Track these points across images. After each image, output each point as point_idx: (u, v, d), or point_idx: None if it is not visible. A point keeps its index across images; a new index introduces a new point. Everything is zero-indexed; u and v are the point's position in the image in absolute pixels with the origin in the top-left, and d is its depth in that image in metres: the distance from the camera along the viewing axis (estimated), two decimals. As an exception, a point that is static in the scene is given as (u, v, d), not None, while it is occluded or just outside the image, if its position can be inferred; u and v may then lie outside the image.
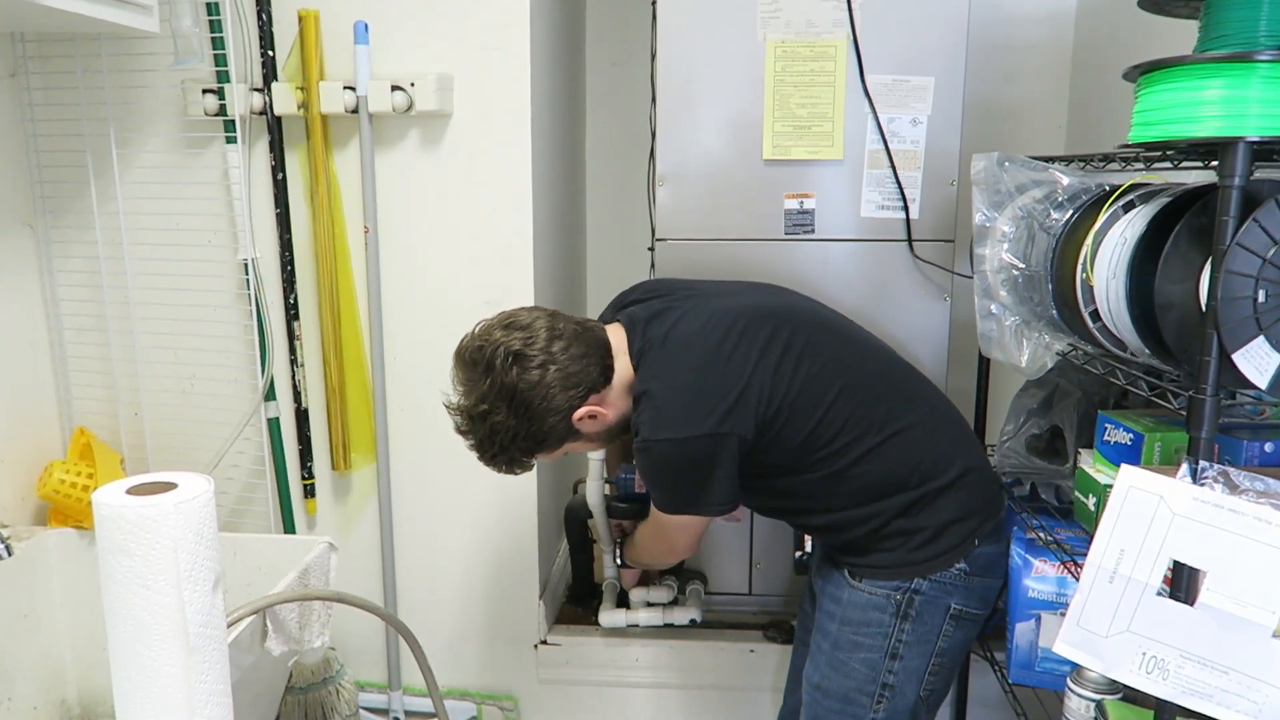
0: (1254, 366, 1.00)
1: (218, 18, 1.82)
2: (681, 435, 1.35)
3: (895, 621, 1.45)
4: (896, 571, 1.45)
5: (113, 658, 0.92)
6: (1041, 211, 1.40)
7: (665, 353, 1.41)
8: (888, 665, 1.46)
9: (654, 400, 1.37)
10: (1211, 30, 1.07)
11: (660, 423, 1.36)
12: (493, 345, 1.37)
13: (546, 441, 1.41)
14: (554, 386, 1.36)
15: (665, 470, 1.40)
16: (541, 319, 1.40)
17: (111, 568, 0.89)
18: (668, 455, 1.37)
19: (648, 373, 1.41)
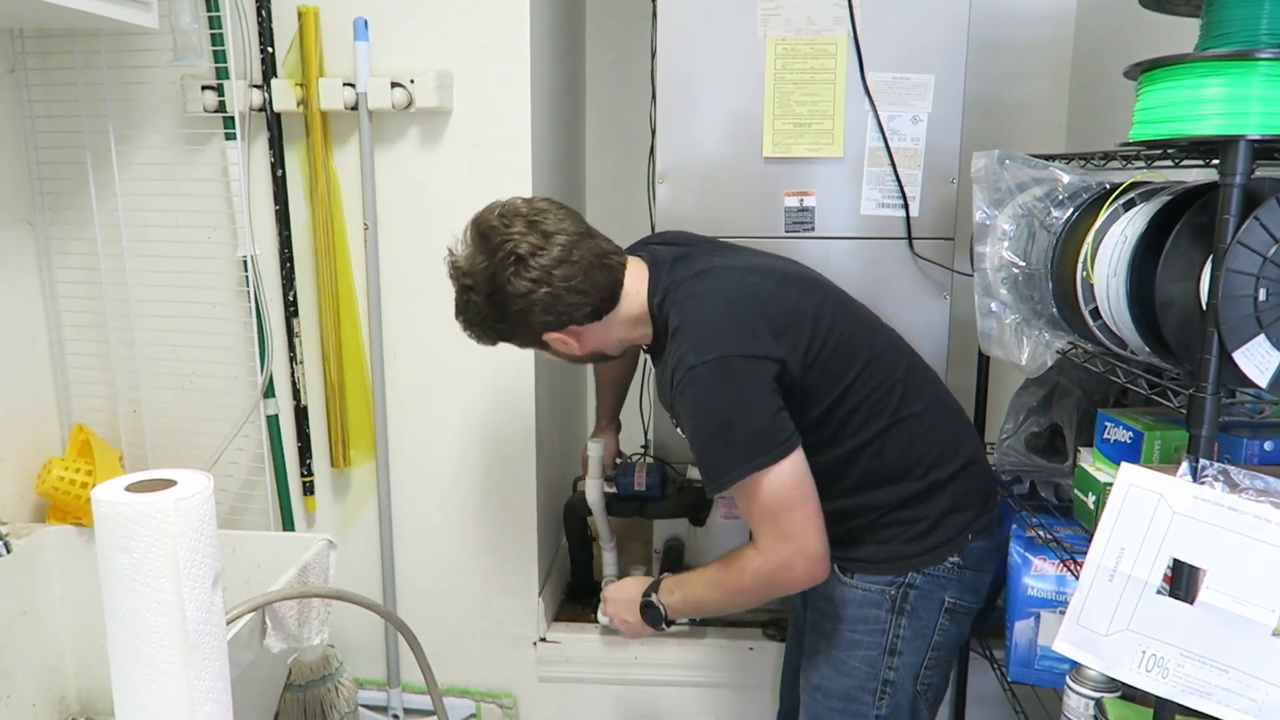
0: (1254, 365, 1.00)
1: (217, 14, 1.82)
2: (731, 353, 1.28)
3: (892, 617, 1.44)
4: (890, 566, 1.43)
5: (112, 655, 0.92)
6: (1042, 209, 1.40)
7: (700, 287, 1.37)
8: (888, 662, 1.45)
9: (694, 328, 1.32)
10: (1213, 28, 1.07)
11: (705, 345, 1.29)
12: (505, 235, 1.32)
13: (511, 339, 1.41)
14: (537, 305, 1.33)
15: (721, 399, 1.28)
16: (565, 236, 1.34)
17: (111, 565, 0.88)
18: (718, 378, 1.28)
19: (682, 306, 1.35)
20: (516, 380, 1.98)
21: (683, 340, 1.32)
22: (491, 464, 2.03)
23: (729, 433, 1.28)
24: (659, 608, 1.44)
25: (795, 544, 1.29)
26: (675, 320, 1.35)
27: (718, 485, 1.30)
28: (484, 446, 2.01)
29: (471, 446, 2.01)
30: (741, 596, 1.37)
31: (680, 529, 2.13)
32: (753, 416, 1.28)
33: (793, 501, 1.29)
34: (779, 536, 1.29)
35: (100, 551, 0.89)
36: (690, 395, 1.30)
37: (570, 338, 1.39)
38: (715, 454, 1.30)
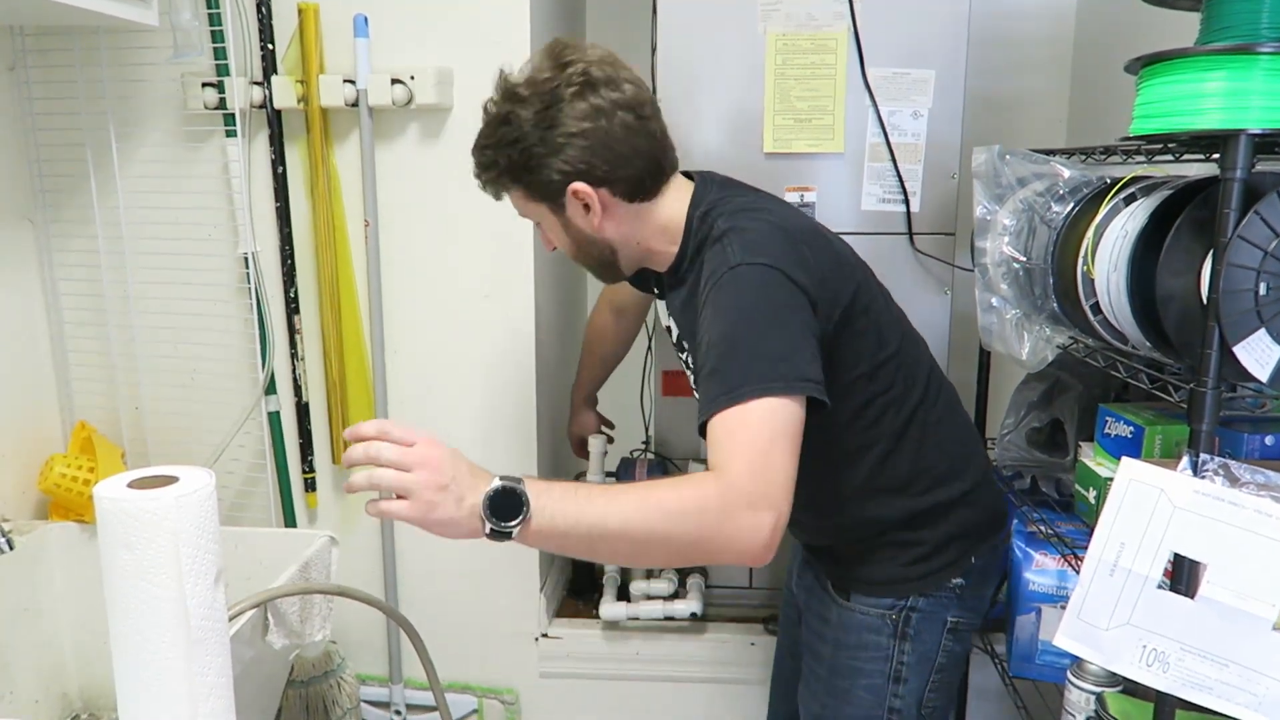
0: (1255, 359, 1.00)
1: (217, 11, 1.82)
2: (780, 265, 1.13)
3: (895, 643, 1.35)
4: (889, 588, 1.35)
5: (115, 651, 0.92)
6: (1043, 204, 1.40)
7: (757, 206, 1.25)
8: (893, 689, 1.36)
9: (745, 234, 1.18)
10: (1213, 22, 1.07)
11: (757, 248, 1.15)
12: (581, 56, 1.19)
13: (533, 175, 1.22)
14: (584, 141, 1.18)
15: (761, 305, 1.12)
16: (639, 89, 1.22)
17: (113, 561, 0.88)
18: (765, 284, 1.13)
19: (734, 216, 1.22)
20: (518, 376, 1.98)
21: (730, 243, 1.17)
22: (493, 460, 2.01)
23: (759, 344, 1.10)
24: (524, 513, 1.00)
25: (774, 490, 1.04)
26: (723, 226, 1.21)
27: (728, 398, 1.06)
28: (485, 442, 2.01)
29: (472, 442, 2.01)
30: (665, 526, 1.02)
31: (681, 525, 2.13)
32: (787, 337, 1.11)
33: (789, 448, 1.06)
34: (760, 472, 1.03)
35: (102, 548, 0.89)
36: (730, 292, 1.13)
37: (597, 202, 1.22)
38: (735, 363, 1.09)
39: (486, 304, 1.94)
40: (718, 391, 1.08)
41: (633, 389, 2.19)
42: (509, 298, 1.94)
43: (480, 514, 1.00)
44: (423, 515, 0.99)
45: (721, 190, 1.29)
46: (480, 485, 1.01)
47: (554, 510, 1.02)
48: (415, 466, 1.00)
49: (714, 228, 1.22)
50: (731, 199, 1.27)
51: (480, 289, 1.94)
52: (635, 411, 2.23)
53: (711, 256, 1.20)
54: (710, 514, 1.02)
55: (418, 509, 0.99)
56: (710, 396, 1.09)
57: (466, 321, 1.96)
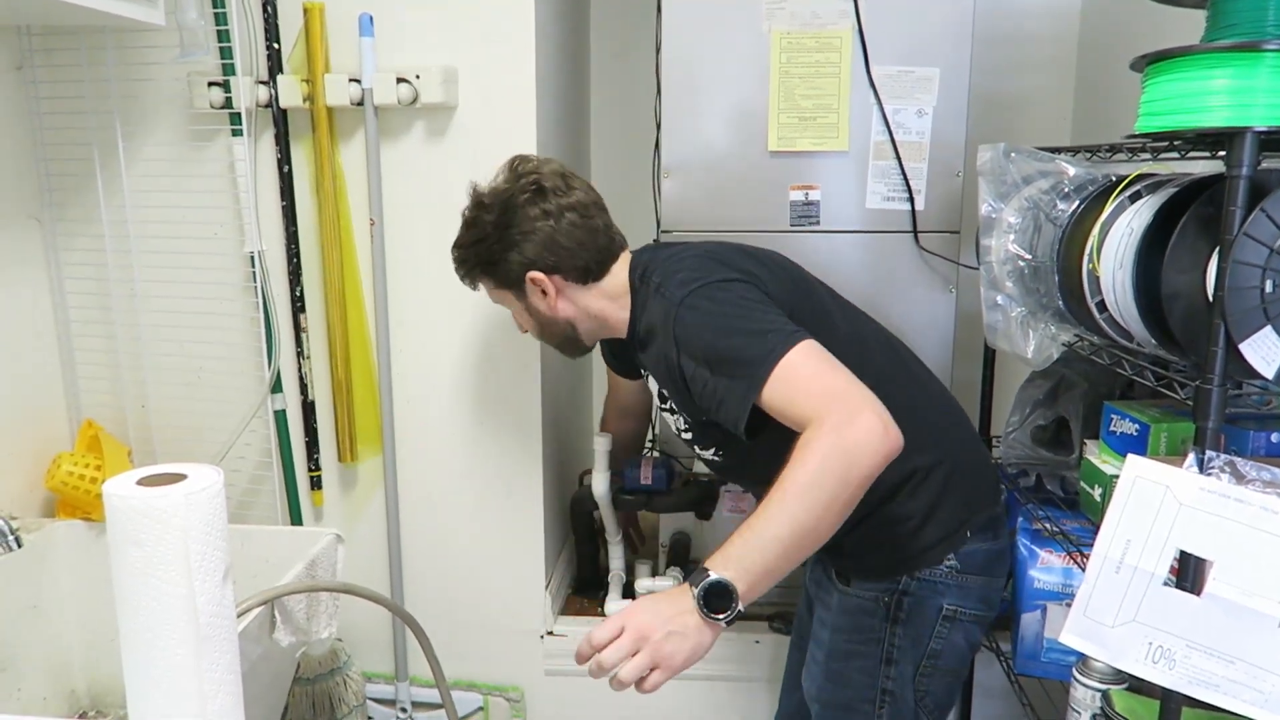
0: (1261, 356, 1.00)
1: (223, 10, 1.82)
2: (711, 280, 1.32)
3: (886, 625, 1.40)
4: (883, 570, 1.41)
5: (124, 648, 0.92)
6: (1048, 202, 1.40)
7: (681, 251, 1.46)
8: (885, 671, 1.41)
9: (674, 275, 1.37)
10: (1219, 20, 1.07)
11: (687, 280, 1.33)
12: (534, 168, 1.47)
13: (497, 268, 1.48)
14: (537, 238, 1.42)
15: (715, 314, 1.28)
16: (586, 195, 1.48)
17: (122, 558, 0.89)
18: (709, 298, 1.30)
19: (664, 265, 1.42)
20: (523, 374, 1.98)
21: (666, 288, 1.36)
22: (498, 458, 2.03)
23: (736, 338, 1.24)
24: (728, 586, 1.08)
25: (853, 393, 1.15)
26: (657, 279, 1.39)
27: (751, 390, 1.20)
28: (491, 440, 2.02)
29: (478, 440, 2.02)
30: (815, 492, 1.10)
31: (687, 523, 2.13)
32: (752, 317, 1.26)
33: (825, 368, 1.19)
34: (828, 396, 1.15)
35: (111, 545, 0.89)
36: (688, 322, 1.29)
37: (551, 287, 1.45)
38: (733, 366, 1.23)
39: (491, 302, 1.94)
40: (742, 389, 1.21)
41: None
42: (514, 296, 1.95)
43: (706, 621, 1.09)
44: (671, 670, 1.09)
45: (654, 251, 1.50)
46: (688, 602, 1.09)
47: (745, 568, 1.10)
48: (636, 644, 1.08)
49: (650, 282, 1.40)
50: (660, 254, 1.47)
51: (485, 287, 1.95)
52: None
53: (655, 306, 1.36)
54: (833, 457, 1.11)
55: (665, 669, 1.09)
56: (739, 396, 1.21)
57: (471, 320, 1.96)
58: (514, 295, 1.50)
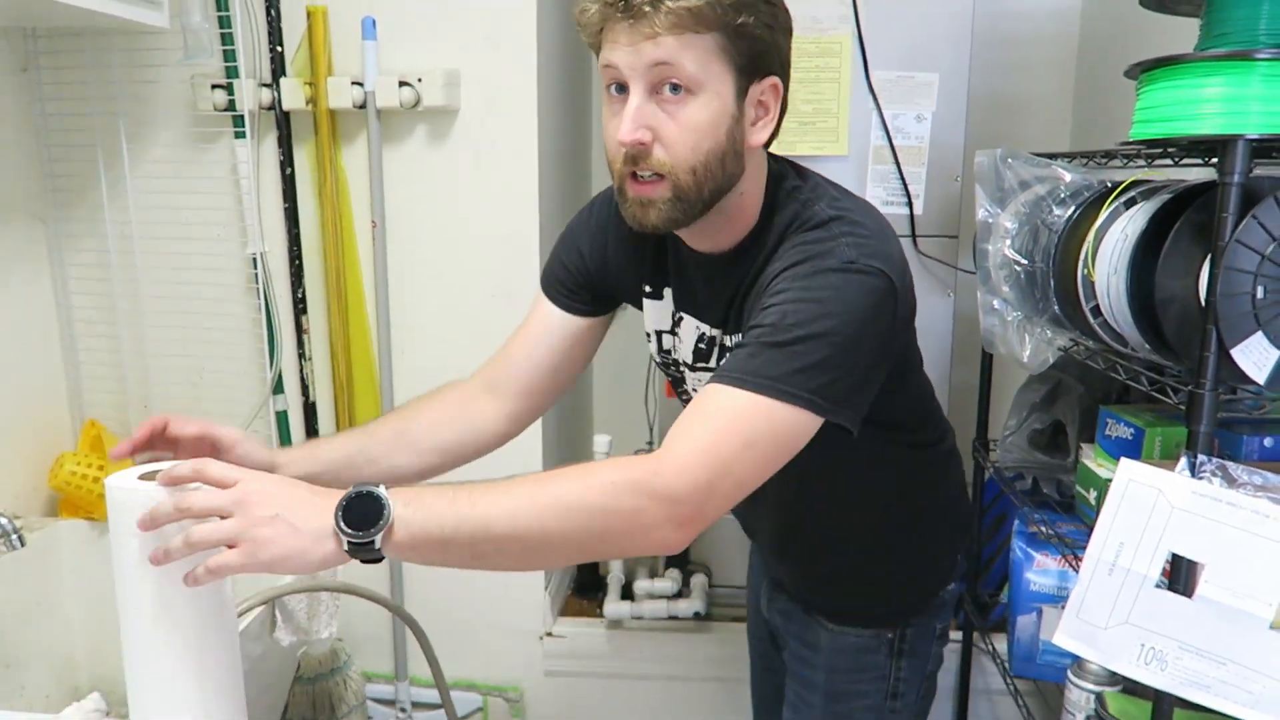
0: (1252, 362, 1.01)
1: (227, 13, 1.83)
2: (892, 275, 0.98)
3: (891, 661, 1.28)
4: (889, 619, 1.27)
5: (124, 643, 0.93)
6: (1044, 208, 1.41)
7: (846, 194, 1.08)
8: (890, 705, 1.30)
9: (857, 226, 1.01)
10: (1212, 29, 1.08)
11: (870, 250, 0.98)
12: None
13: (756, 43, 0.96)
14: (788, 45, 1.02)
15: (853, 318, 0.95)
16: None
17: (122, 551, 0.90)
18: (871, 298, 0.96)
19: (840, 205, 1.04)
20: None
21: (839, 234, 1.00)
22: (498, 458, 2.03)
23: (826, 349, 0.93)
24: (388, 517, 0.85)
25: (710, 508, 0.91)
26: (826, 211, 1.02)
27: (749, 381, 0.93)
28: (491, 442, 2.02)
29: (478, 442, 2.03)
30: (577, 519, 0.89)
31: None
32: (855, 366, 0.97)
33: (760, 461, 0.94)
34: (715, 465, 0.90)
35: (112, 539, 0.90)
36: (826, 283, 0.96)
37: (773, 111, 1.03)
38: (793, 354, 0.93)
39: (493, 304, 1.96)
40: (758, 369, 0.93)
41: (636, 390, 2.21)
42: (515, 298, 1.95)
43: (333, 530, 0.84)
44: (252, 556, 0.83)
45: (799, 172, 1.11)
46: (327, 503, 0.86)
47: (427, 521, 0.87)
48: (233, 507, 0.84)
49: (811, 210, 1.03)
50: (823, 182, 1.10)
51: (486, 289, 1.96)
52: (639, 412, 2.24)
53: (808, 242, 1.00)
54: (627, 504, 0.88)
55: (245, 551, 0.83)
56: (750, 368, 0.93)
57: (473, 322, 1.98)
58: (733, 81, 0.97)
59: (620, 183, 1.00)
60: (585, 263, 1.20)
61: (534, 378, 1.24)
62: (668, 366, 1.23)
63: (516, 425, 1.27)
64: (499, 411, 1.25)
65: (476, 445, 1.26)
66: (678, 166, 0.97)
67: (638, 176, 0.98)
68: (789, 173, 1.09)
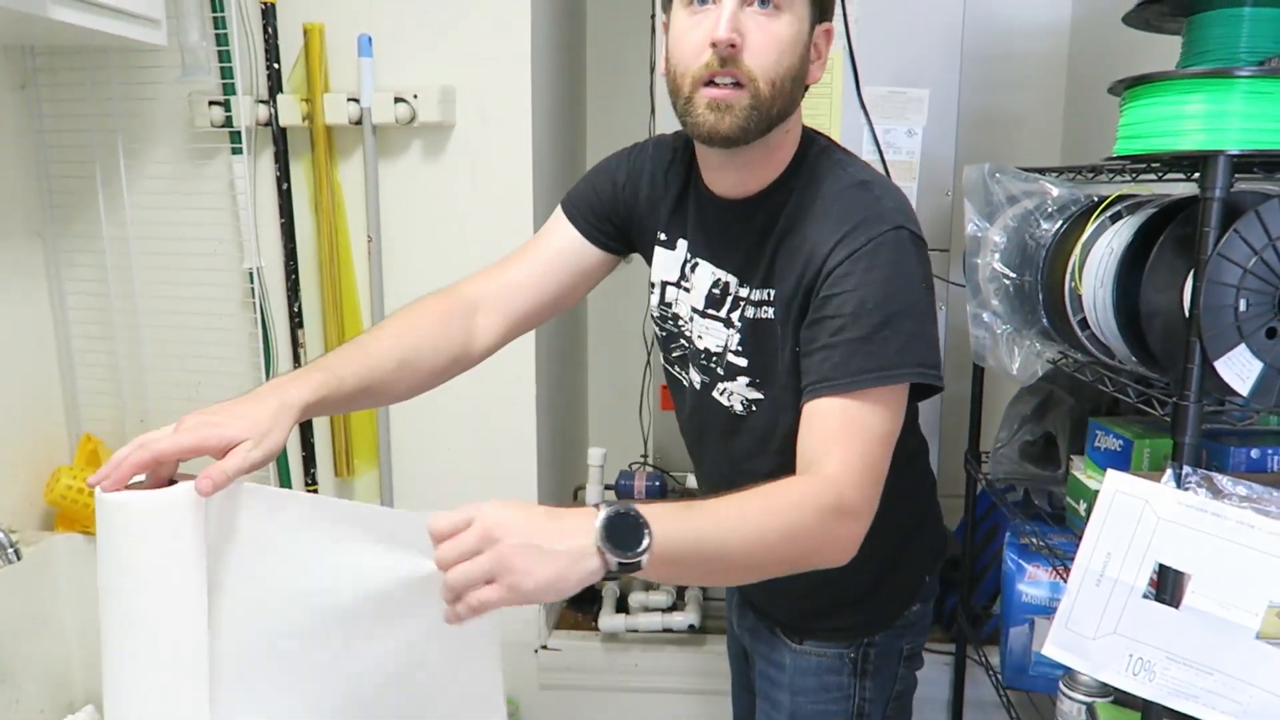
0: (1236, 374, 1.03)
1: (224, 31, 1.85)
2: (923, 237, 1.05)
3: (854, 681, 1.27)
4: (849, 633, 1.26)
5: (104, 654, 0.93)
6: (1032, 222, 1.42)
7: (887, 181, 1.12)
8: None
9: (892, 190, 1.07)
10: (1194, 46, 1.10)
11: (909, 215, 1.04)
12: None
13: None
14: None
15: (916, 280, 1.02)
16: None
17: (108, 562, 0.90)
18: (920, 258, 1.03)
19: (868, 172, 1.09)
20: (517, 389, 2.00)
21: (881, 197, 1.04)
22: (493, 472, 2.05)
23: (909, 322, 0.99)
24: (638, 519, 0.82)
25: (872, 502, 0.97)
26: (861, 174, 1.07)
27: (876, 376, 0.97)
28: (485, 455, 2.03)
29: (473, 455, 2.04)
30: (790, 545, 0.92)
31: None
32: (930, 323, 1.03)
33: (893, 441, 1.00)
34: (870, 473, 0.96)
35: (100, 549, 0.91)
36: (886, 257, 1.00)
37: (825, 54, 1.07)
38: (887, 339, 0.98)
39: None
40: (864, 365, 0.97)
41: (631, 402, 2.22)
42: (510, 312, 1.97)
43: (596, 549, 0.80)
44: (514, 590, 0.78)
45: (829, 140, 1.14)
46: (580, 524, 0.82)
47: (671, 531, 0.84)
48: (482, 544, 0.79)
49: (843, 169, 1.07)
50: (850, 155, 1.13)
51: (481, 304, 1.97)
52: (634, 424, 2.25)
53: (852, 201, 1.03)
54: (827, 524, 0.93)
55: (506, 585, 0.78)
56: (856, 367, 0.98)
57: (468, 336, 1.98)
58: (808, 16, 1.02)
59: (692, 91, 1.00)
60: (618, 192, 1.21)
61: (534, 304, 1.23)
62: (664, 321, 1.24)
63: (501, 345, 1.24)
64: (491, 331, 1.21)
65: (465, 365, 1.21)
66: (760, 76, 0.99)
67: (715, 84, 0.99)
68: (819, 137, 1.12)
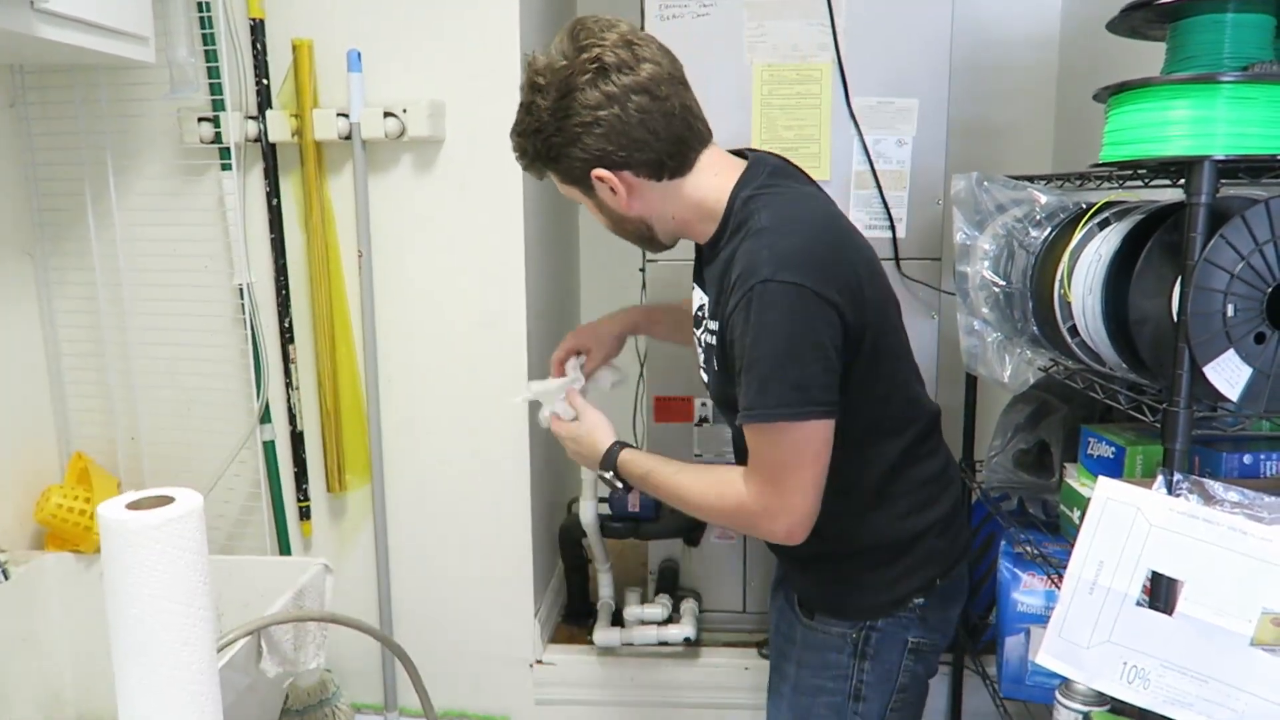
0: (1225, 379, 1.02)
1: (213, 47, 1.86)
2: (810, 283, 1.15)
3: (854, 662, 1.36)
4: (853, 611, 1.36)
5: (116, 670, 0.95)
6: (1021, 230, 1.42)
7: (805, 203, 1.26)
8: (853, 707, 1.37)
9: (782, 238, 1.18)
10: (1178, 52, 1.10)
11: (788, 262, 1.16)
12: (596, 40, 1.19)
13: (559, 164, 1.25)
14: (600, 127, 1.19)
15: (789, 329, 1.16)
16: (657, 68, 1.21)
17: (112, 582, 0.92)
18: (794, 306, 1.16)
19: (778, 210, 1.21)
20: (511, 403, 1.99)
21: (763, 243, 1.18)
22: (486, 487, 2.04)
23: (784, 369, 1.17)
24: (612, 459, 1.40)
25: (789, 500, 1.21)
26: (764, 219, 1.20)
27: (763, 414, 1.19)
28: (479, 469, 2.03)
29: (466, 470, 2.03)
30: (706, 512, 1.33)
31: (675, 549, 2.14)
32: (811, 362, 1.17)
33: (804, 461, 1.20)
34: (777, 488, 1.21)
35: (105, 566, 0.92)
36: (757, 310, 1.17)
37: (620, 185, 1.24)
38: (774, 384, 1.18)
39: (479, 332, 1.97)
40: (756, 403, 1.19)
41: (625, 415, 2.21)
42: (502, 326, 1.97)
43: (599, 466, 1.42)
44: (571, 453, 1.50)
45: (771, 177, 1.28)
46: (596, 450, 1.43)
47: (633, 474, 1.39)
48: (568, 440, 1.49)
49: (754, 217, 1.21)
50: (779, 190, 1.26)
51: (473, 317, 1.96)
52: (628, 436, 2.23)
53: (745, 253, 1.20)
54: (742, 516, 1.27)
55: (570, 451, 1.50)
56: (748, 405, 1.20)
57: (460, 350, 1.98)
58: (580, 191, 1.29)
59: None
60: None
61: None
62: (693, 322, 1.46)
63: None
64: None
65: None
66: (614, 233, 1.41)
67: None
68: (753, 180, 1.27)
